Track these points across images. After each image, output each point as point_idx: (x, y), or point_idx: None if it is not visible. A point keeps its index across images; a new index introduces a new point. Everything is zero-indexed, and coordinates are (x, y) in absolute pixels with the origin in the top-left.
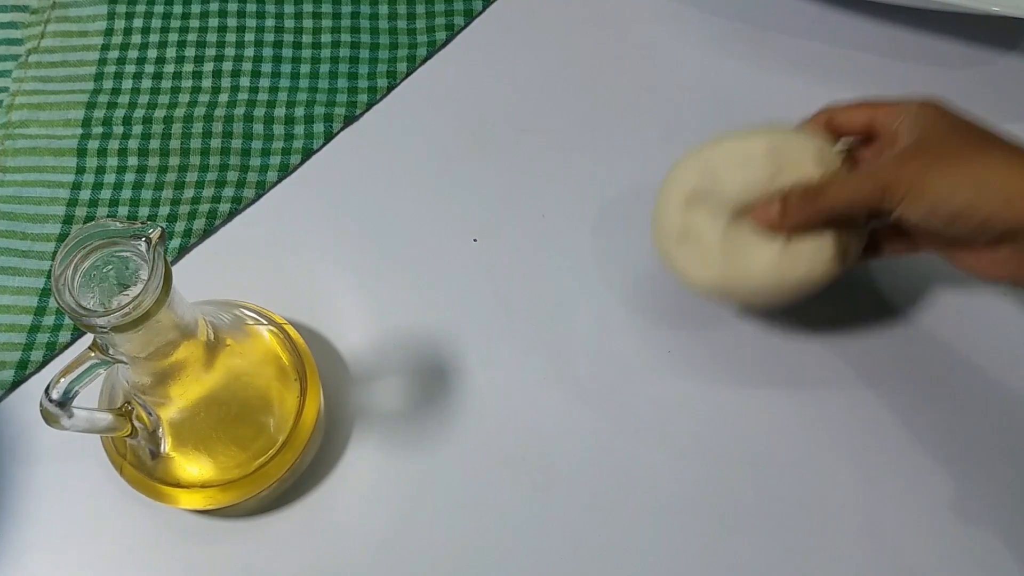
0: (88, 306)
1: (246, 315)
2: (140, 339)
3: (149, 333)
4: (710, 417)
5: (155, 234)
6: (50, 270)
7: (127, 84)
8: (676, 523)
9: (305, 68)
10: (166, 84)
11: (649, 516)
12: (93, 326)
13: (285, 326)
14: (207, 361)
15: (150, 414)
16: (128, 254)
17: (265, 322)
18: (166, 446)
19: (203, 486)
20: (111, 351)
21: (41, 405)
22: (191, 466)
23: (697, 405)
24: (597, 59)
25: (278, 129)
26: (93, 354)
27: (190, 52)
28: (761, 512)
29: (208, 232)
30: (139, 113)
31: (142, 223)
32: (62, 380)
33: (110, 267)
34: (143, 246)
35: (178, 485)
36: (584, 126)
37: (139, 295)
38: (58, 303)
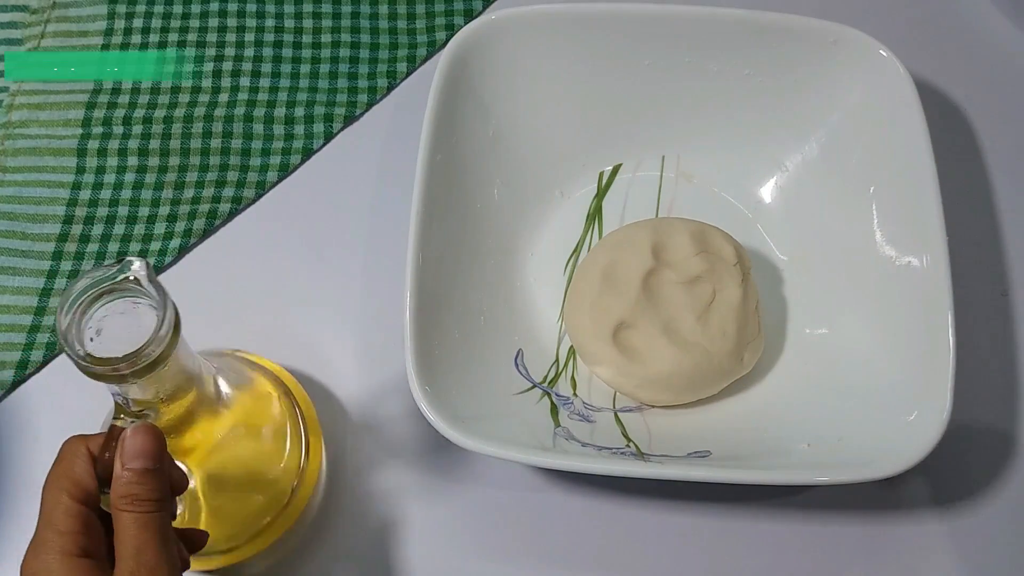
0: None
1: (244, 371)
2: (155, 384)
3: (163, 377)
4: None
5: (139, 268)
6: (50, 270)
7: (127, 84)
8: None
9: (305, 68)
10: (166, 84)
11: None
12: (115, 375)
13: (281, 374)
14: (210, 421)
15: None
16: (128, 298)
17: (261, 373)
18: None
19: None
20: (131, 406)
21: None
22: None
23: None
24: None
25: (278, 129)
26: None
27: (190, 52)
28: None
29: (208, 232)
30: (139, 113)
31: (119, 260)
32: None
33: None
34: (140, 282)
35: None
36: None
37: (154, 331)
38: (71, 359)
